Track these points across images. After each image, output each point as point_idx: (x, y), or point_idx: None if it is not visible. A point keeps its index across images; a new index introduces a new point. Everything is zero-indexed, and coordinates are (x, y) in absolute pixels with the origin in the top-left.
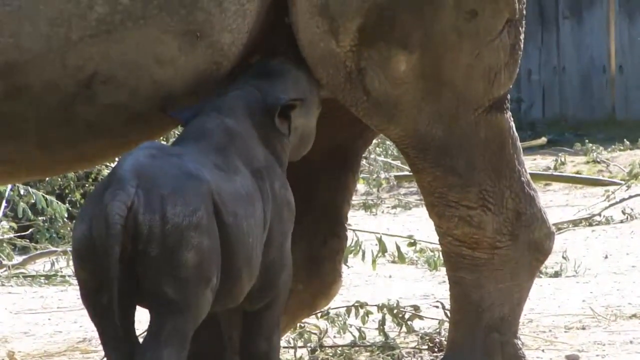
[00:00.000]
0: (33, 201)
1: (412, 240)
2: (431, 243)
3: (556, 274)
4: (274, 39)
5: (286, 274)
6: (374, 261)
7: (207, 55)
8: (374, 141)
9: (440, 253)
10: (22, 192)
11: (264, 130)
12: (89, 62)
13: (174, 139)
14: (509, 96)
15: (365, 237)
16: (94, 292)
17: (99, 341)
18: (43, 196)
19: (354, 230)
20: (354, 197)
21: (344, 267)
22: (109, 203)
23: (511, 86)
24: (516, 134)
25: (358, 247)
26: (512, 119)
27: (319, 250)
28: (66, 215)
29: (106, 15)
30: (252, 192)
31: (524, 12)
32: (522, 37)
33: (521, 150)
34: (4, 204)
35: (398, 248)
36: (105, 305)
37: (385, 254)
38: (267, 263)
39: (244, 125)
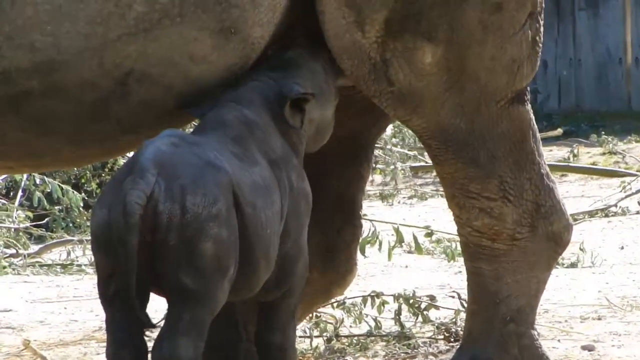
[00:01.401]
0: (49, 190)
1: (429, 231)
2: (448, 234)
3: (572, 265)
4: (293, 29)
5: (302, 265)
6: (390, 251)
7: (239, 50)
8: (390, 132)
9: (457, 243)
10: (37, 181)
11: (281, 121)
12: (126, 61)
13: (193, 129)
14: (528, 88)
15: (382, 227)
16: (108, 278)
17: None
18: (59, 185)
19: (371, 221)
20: (370, 188)
21: (360, 257)
22: (128, 191)
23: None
24: (536, 126)
25: (375, 238)
26: (531, 111)
27: (334, 239)
28: (82, 204)
29: (145, 14)
30: (270, 183)
31: (543, 5)
32: (542, 29)
33: (540, 142)
34: (20, 193)
35: (415, 238)
36: (115, 292)
37: (402, 244)
38: (284, 254)
39: (261, 116)
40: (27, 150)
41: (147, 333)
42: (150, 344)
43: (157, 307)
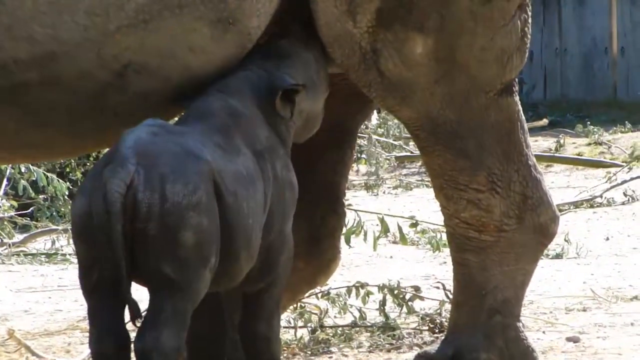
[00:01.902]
0: (34, 179)
1: (414, 221)
2: (433, 224)
3: (557, 256)
4: (285, 19)
5: (286, 256)
6: (375, 241)
7: (236, 40)
8: (375, 122)
9: (442, 234)
10: (23, 169)
11: (269, 111)
12: (125, 52)
13: (178, 118)
14: (517, 79)
15: (367, 217)
16: (89, 267)
17: None
18: (44, 174)
19: (355, 211)
20: (355, 178)
21: (345, 247)
22: (108, 180)
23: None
24: (523, 117)
25: (360, 228)
26: (519, 102)
27: (318, 227)
28: (67, 193)
29: (144, 5)
30: (253, 173)
31: None
32: (529, 20)
33: (528, 133)
34: (4, 182)
35: (400, 229)
36: (97, 282)
37: (387, 234)
38: (267, 244)
39: (248, 106)
40: (23, 141)
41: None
42: (132, 334)
43: (139, 297)
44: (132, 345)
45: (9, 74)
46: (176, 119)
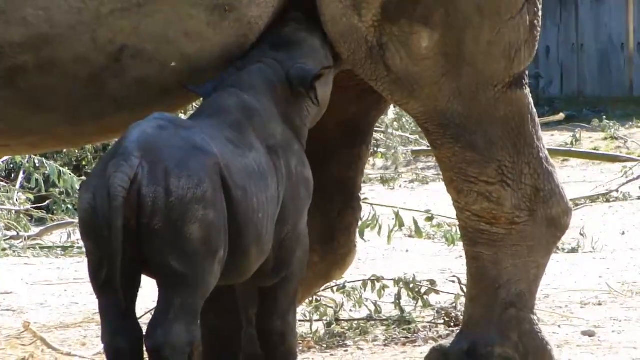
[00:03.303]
0: (48, 172)
1: (430, 215)
2: (448, 218)
3: (573, 250)
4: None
5: (301, 251)
6: (390, 235)
7: (235, 29)
8: (392, 116)
9: (458, 228)
10: (37, 163)
11: (284, 104)
12: (119, 36)
13: (191, 114)
14: (527, 72)
15: (382, 211)
16: (98, 263)
17: None
18: (57, 168)
19: (371, 204)
20: (372, 172)
21: (360, 241)
22: (112, 174)
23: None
24: (534, 110)
25: (375, 221)
26: (530, 95)
27: (333, 221)
28: (78, 187)
29: None
30: (266, 169)
31: None
32: (540, 13)
33: (539, 126)
34: (20, 175)
35: (415, 222)
36: (106, 278)
37: (402, 228)
38: (282, 240)
39: (263, 101)
40: (24, 127)
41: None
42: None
43: (147, 293)
44: (143, 339)
45: (5, 57)
46: (181, 113)
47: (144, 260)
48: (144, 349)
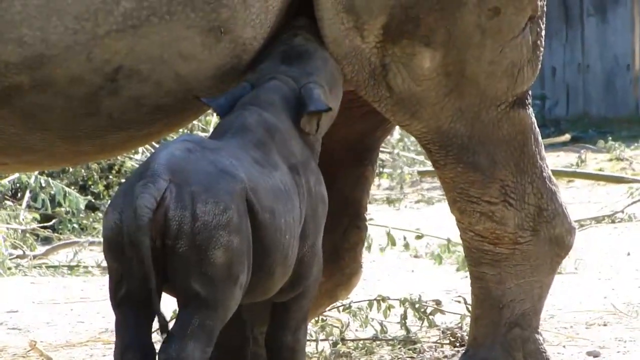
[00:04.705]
0: (53, 192)
1: (420, 234)
2: (438, 237)
3: (578, 270)
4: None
5: (317, 267)
6: (381, 250)
7: (230, 50)
8: (397, 136)
9: (445, 248)
10: (42, 183)
11: (299, 121)
12: (115, 56)
13: (212, 132)
14: (530, 92)
15: (386, 230)
16: (118, 281)
17: None
18: (63, 188)
19: (378, 226)
20: (377, 192)
21: (366, 262)
22: (139, 195)
23: (534, 83)
24: (537, 129)
25: (368, 240)
26: (533, 114)
27: (339, 241)
28: (83, 207)
29: (132, 10)
30: (290, 189)
31: (545, 8)
32: (543, 33)
33: (543, 145)
34: (27, 194)
35: (406, 242)
36: (125, 296)
37: (408, 249)
38: (301, 257)
39: (282, 119)
40: (20, 145)
41: (155, 336)
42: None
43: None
44: (156, 358)
45: (1, 76)
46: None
47: (165, 280)
48: None
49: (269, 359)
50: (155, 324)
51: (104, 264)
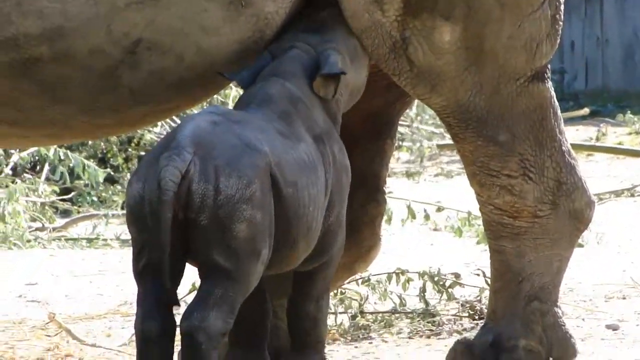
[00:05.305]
0: (72, 165)
1: (440, 207)
2: (457, 210)
3: (597, 244)
4: None
5: (341, 237)
6: (402, 222)
7: (251, 23)
8: (416, 110)
9: (466, 221)
10: (61, 156)
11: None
12: (135, 29)
13: (236, 104)
14: (549, 66)
15: (404, 203)
16: (139, 251)
17: None
18: (82, 161)
19: (397, 199)
20: (396, 165)
21: (385, 235)
22: (164, 167)
23: (553, 57)
24: (557, 103)
25: (389, 213)
26: (552, 88)
27: (358, 215)
28: (102, 180)
29: None
30: (315, 160)
31: None
32: (562, 7)
33: (562, 119)
34: (46, 167)
35: (426, 213)
36: (145, 265)
37: (429, 220)
38: (326, 227)
39: (304, 89)
40: (42, 118)
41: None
42: (177, 319)
43: (184, 281)
44: (176, 330)
45: (21, 48)
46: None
47: (188, 252)
48: (175, 337)
49: (290, 329)
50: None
51: (123, 236)
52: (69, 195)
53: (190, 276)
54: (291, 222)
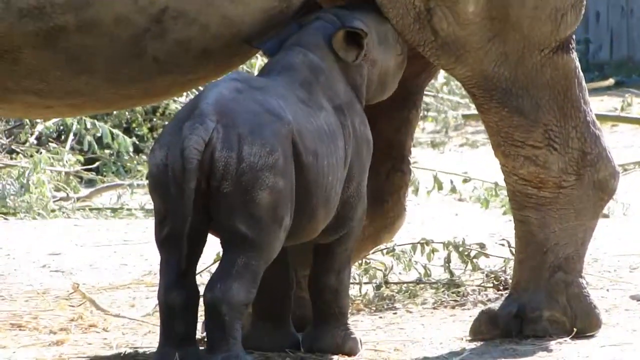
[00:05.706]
0: (99, 134)
1: (467, 178)
2: (484, 181)
3: (623, 215)
4: None
5: (361, 209)
6: (428, 193)
7: None
8: (442, 80)
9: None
10: (88, 125)
11: (346, 64)
12: None
13: (259, 72)
14: (574, 36)
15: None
16: (162, 220)
17: None
18: (110, 130)
19: (423, 169)
20: (421, 135)
21: (410, 205)
22: (187, 136)
23: (577, 27)
24: (581, 73)
25: (415, 183)
26: (577, 59)
27: (382, 185)
28: (132, 149)
29: None
30: (335, 130)
31: None
32: None
33: (586, 90)
34: (70, 136)
35: (452, 184)
36: (168, 234)
37: (455, 192)
38: (345, 199)
39: (326, 59)
40: (66, 88)
41: (198, 277)
42: (201, 289)
43: (208, 251)
44: (200, 300)
45: (46, 17)
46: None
47: (210, 220)
48: (198, 307)
49: (312, 301)
50: (201, 266)
51: (147, 206)
52: (94, 165)
53: (215, 246)
54: (310, 190)
